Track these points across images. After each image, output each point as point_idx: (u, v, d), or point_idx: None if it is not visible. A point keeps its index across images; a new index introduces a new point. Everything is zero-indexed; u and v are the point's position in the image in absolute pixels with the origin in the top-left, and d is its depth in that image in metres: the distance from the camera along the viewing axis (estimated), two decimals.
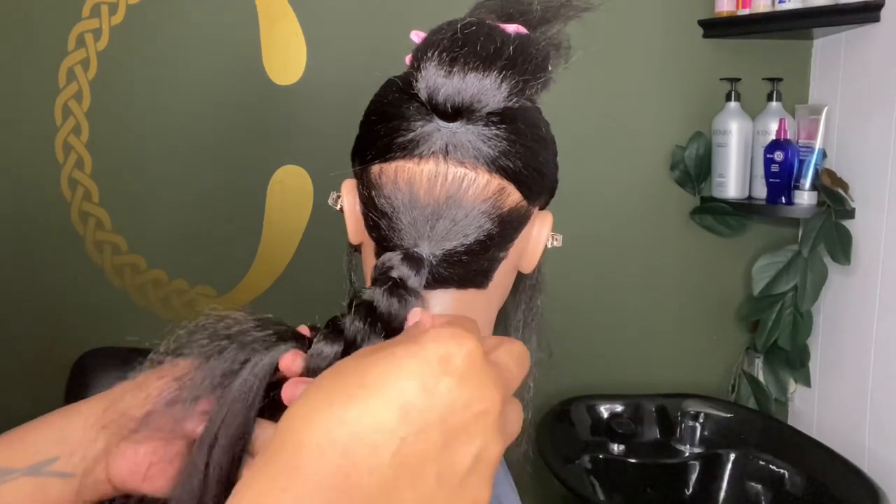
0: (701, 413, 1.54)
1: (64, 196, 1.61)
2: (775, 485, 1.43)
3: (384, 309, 0.48)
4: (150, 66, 1.59)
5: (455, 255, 0.51)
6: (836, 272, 1.57)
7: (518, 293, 0.61)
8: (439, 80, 0.48)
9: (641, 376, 1.72)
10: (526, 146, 0.51)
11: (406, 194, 0.50)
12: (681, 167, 1.67)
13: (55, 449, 0.48)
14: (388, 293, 0.48)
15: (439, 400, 0.35)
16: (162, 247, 1.64)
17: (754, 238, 1.69)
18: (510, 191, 0.51)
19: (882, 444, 1.45)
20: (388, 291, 0.48)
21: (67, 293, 1.63)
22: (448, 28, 0.50)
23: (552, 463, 1.39)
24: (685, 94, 1.67)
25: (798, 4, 1.51)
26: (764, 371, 1.69)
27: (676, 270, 1.73)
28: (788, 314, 1.61)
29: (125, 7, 1.57)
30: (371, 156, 0.52)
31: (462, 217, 0.50)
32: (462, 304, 0.53)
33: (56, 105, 1.58)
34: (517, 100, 0.50)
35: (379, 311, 0.48)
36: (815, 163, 1.52)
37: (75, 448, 0.47)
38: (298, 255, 1.65)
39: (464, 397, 0.35)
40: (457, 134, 0.49)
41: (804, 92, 1.68)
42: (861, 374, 1.50)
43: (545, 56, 0.52)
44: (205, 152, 1.62)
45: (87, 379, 1.35)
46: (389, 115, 0.51)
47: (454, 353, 0.36)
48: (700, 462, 1.52)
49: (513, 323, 0.62)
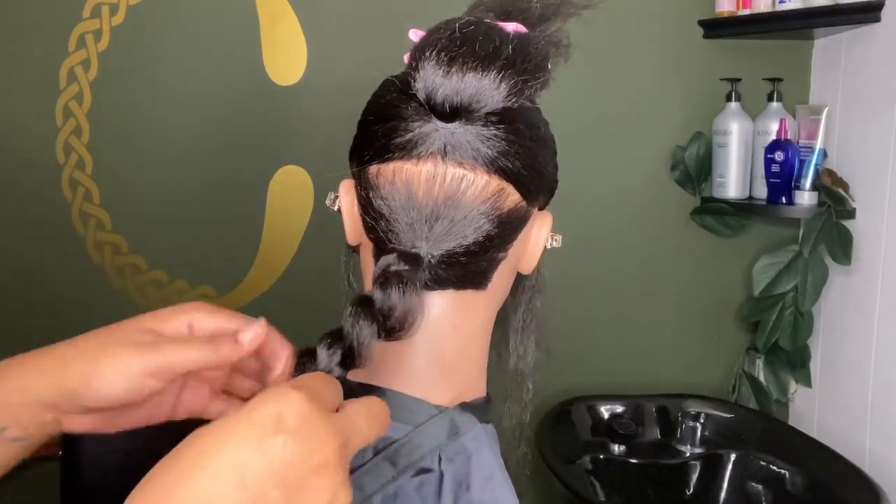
0: (701, 413, 1.54)
1: (65, 197, 1.61)
2: (776, 485, 1.42)
3: (381, 300, 0.48)
4: (150, 66, 1.59)
5: (454, 256, 0.50)
6: (836, 272, 1.57)
7: (517, 294, 0.61)
8: (437, 79, 0.48)
9: (642, 376, 1.72)
10: (525, 146, 0.51)
11: (404, 195, 0.50)
12: (681, 167, 1.66)
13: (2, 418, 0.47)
14: (384, 285, 0.48)
15: (275, 459, 0.35)
16: (162, 247, 1.64)
17: (755, 238, 1.69)
18: (509, 191, 0.51)
19: (883, 444, 1.44)
20: (383, 283, 0.48)
21: (68, 294, 1.63)
22: (446, 27, 0.50)
23: (552, 463, 1.39)
24: (685, 95, 1.67)
25: (798, 4, 1.50)
26: (764, 371, 1.69)
27: (677, 271, 1.72)
28: (789, 314, 1.61)
29: (125, 8, 1.57)
30: (369, 156, 0.51)
31: (461, 218, 0.50)
32: (460, 306, 0.53)
33: (57, 106, 1.58)
34: (516, 100, 0.49)
35: (375, 302, 0.48)
36: (815, 163, 1.51)
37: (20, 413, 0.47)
38: (299, 255, 1.65)
39: (300, 452, 0.35)
40: (455, 134, 0.49)
41: (804, 92, 1.67)
42: (862, 375, 1.50)
43: (544, 55, 0.52)
44: (205, 153, 1.62)
45: None
46: (387, 116, 0.51)
47: (285, 411, 0.36)
48: (701, 462, 1.52)
49: (512, 324, 0.62)
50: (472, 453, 0.53)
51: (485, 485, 0.52)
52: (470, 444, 0.53)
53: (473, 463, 0.52)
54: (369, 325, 0.47)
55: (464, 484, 0.51)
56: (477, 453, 0.53)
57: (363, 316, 0.47)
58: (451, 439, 0.52)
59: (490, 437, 0.56)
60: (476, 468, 0.52)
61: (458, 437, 0.52)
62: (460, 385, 0.55)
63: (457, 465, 0.52)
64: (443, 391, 0.54)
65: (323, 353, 0.46)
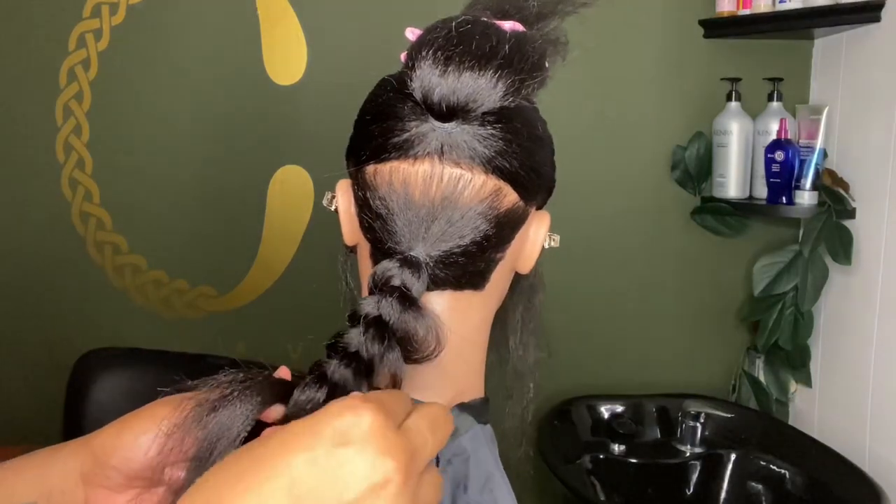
0: (702, 413, 1.54)
1: (65, 196, 1.61)
2: (776, 485, 1.42)
3: (399, 324, 0.47)
4: (150, 66, 1.59)
5: (451, 256, 0.50)
6: (836, 272, 1.57)
7: (516, 294, 0.60)
8: (434, 79, 0.47)
9: (642, 376, 1.72)
10: (522, 146, 0.50)
11: (401, 195, 0.49)
12: (681, 167, 1.66)
13: (32, 492, 0.46)
14: (399, 305, 0.47)
15: (332, 473, 0.33)
16: (162, 247, 1.64)
17: (755, 238, 1.69)
18: (507, 191, 0.50)
19: (883, 443, 1.44)
20: (397, 303, 0.47)
21: (68, 293, 1.63)
22: (443, 26, 0.50)
23: (553, 463, 1.39)
24: (686, 94, 1.67)
25: (798, 4, 1.50)
26: (765, 371, 1.69)
27: (677, 270, 1.72)
28: (789, 314, 1.61)
29: (125, 7, 1.57)
30: (365, 156, 0.51)
31: (458, 218, 0.49)
32: (459, 306, 0.53)
33: (57, 105, 1.58)
34: (513, 99, 0.49)
35: (391, 324, 0.47)
36: (815, 163, 1.51)
37: (52, 492, 0.46)
38: (299, 255, 1.65)
39: (360, 470, 0.34)
40: (452, 134, 0.48)
41: (805, 92, 1.67)
42: (862, 374, 1.50)
43: (542, 54, 0.51)
44: (205, 152, 1.62)
45: (88, 379, 1.34)
46: (384, 115, 0.50)
47: (350, 424, 0.34)
48: (701, 462, 1.52)
49: (511, 324, 0.62)
50: (470, 454, 0.52)
51: (483, 486, 0.52)
52: (468, 445, 0.53)
53: (471, 464, 0.52)
54: (396, 357, 0.46)
55: (462, 485, 0.51)
56: (475, 454, 0.52)
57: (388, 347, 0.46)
58: (450, 440, 0.52)
59: (488, 437, 0.55)
60: (474, 469, 0.52)
61: (456, 438, 0.52)
62: (458, 385, 0.55)
63: (455, 466, 0.51)
64: (441, 392, 0.53)
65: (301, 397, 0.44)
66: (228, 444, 0.41)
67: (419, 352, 0.49)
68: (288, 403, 0.44)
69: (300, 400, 0.43)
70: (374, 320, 0.47)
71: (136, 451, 0.45)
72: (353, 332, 0.46)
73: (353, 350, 0.46)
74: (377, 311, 0.47)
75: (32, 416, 1.56)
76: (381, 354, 0.46)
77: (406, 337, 0.47)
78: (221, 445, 0.41)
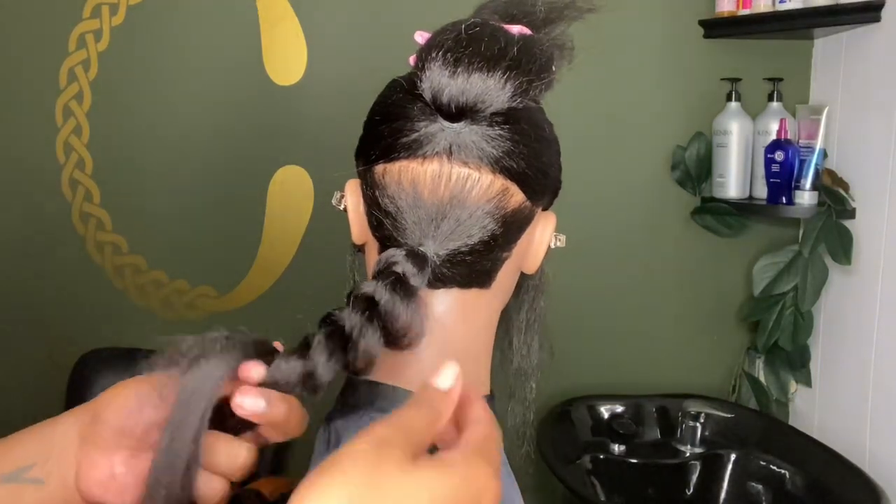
0: (702, 413, 1.54)
1: (65, 197, 1.61)
2: (776, 485, 1.43)
3: (386, 305, 0.47)
4: (150, 66, 1.59)
5: (459, 255, 0.51)
6: (836, 272, 1.57)
7: (521, 294, 0.61)
8: (443, 80, 0.48)
9: (642, 376, 1.72)
10: (529, 147, 0.51)
11: (410, 194, 0.50)
12: (681, 167, 1.67)
13: (34, 456, 0.47)
14: (391, 288, 0.48)
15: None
16: (162, 247, 1.64)
17: (755, 238, 1.69)
18: (514, 191, 0.51)
19: (883, 444, 1.44)
20: (390, 286, 0.48)
21: (68, 294, 1.63)
22: (452, 29, 0.51)
23: (553, 463, 1.39)
24: (686, 95, 1.67)
25: (798, 4, 1.50)
26: (765, 371, 1.69)
27: (677, 270, 1.72)
28: (789, 314, 1.61)
29: (125, 8, 1.56)
30: (375, 156, 0.52)
31: (466, 217, 0.50)
32: (465, 305, 0.53)
33: (57, 106, 1.58)
34: (521, 100, 0.50)
35: (379, 305, 0.47)
36: (815, 163, 1.52)
37: (51, 453, 0.47)
38: (299, 255, 1.65)
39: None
40: (461, 134, 0.49)
41: (805, 92, 1.68)
42: (862, 374, 1.50)
43: (549, 57, 0.52)
44: (205, 153, 1.62)
45: (88, 379, 1.35)
46: (393, 116, 0.51)
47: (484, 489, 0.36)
48: (701, 462, 1.52)
49: (515, 323, 0.62)
50: None
51: None
52: None
53: None
54: (367, 319, 0.47)
55: None
56: None
57: (362, 307, 0.47)
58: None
59: None
60: None
61: None
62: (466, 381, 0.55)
63: None
64: None
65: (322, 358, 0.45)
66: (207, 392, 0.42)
67: (397, 338, 0.49)
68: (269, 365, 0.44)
69: (281, 366, 0.44)
70: (364, 297, 0.48)
71: (129, 402, 0.46)
72: (346, 310, 0.47)
73: (341, 324, 0.46)
74: (372, 291, 0.48)
75: (33, 416, 1.55)
76: (361, 328, 0.46)
77: (390, 320, 0.48)
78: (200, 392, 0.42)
